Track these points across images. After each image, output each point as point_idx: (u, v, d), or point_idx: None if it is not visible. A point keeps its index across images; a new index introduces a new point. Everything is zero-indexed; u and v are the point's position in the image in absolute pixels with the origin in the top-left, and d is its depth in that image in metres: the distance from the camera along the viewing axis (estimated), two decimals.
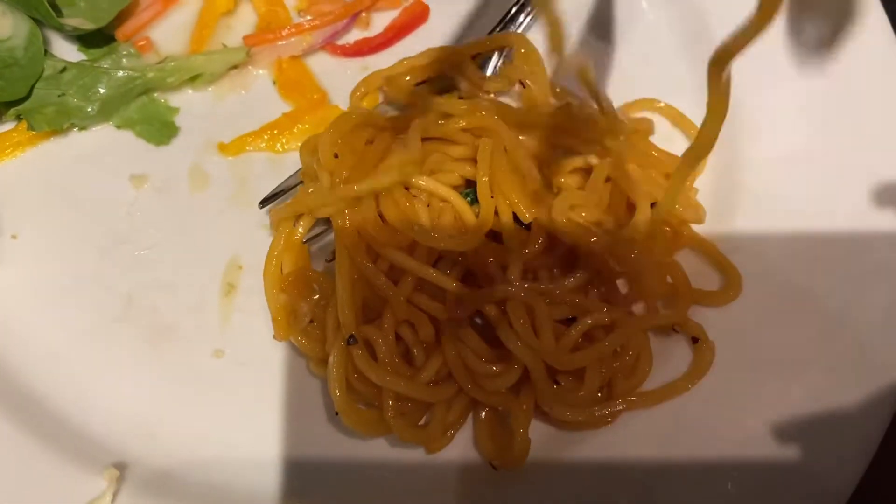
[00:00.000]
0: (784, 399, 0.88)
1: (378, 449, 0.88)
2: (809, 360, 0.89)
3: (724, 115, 0.76)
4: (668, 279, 0.93)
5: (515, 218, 0.90)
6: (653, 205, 0.91)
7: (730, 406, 0.88)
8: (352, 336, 0.83)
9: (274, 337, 0.90)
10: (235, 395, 0.90)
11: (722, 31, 0.70)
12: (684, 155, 0.84)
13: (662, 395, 0.89)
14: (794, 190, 0.97)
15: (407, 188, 0.90)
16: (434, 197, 0.91)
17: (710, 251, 0.95)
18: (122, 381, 0.90)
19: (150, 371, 0.90)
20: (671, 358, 0.92)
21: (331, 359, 0.84)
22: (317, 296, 0.89)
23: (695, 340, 0.91)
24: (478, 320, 0.91)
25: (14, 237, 0.95)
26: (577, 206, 0.90)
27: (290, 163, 1.01)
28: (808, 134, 1.00)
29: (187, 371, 0.91)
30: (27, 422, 0.85)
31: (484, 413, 0.88)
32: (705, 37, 1.03)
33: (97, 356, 0.90)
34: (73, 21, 1.01)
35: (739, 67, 1.02)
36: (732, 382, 0.89)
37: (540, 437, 0.87)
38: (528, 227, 0.91)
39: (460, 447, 0.88)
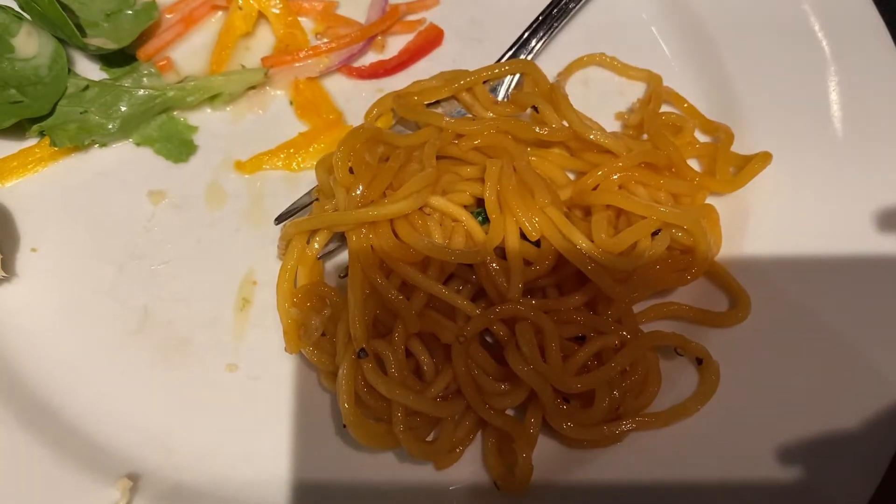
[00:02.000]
0: (791, 420, 0.88)
1: (386, 464, 0.89)
2: (817, 381, 0.90)
3: None
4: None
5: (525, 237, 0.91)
6: (657, 232, 0.93)
7: (737, 427, 0.89)
8: (362, 349, 0.84)
9: (285, 349, 0.91)
10: (247, 409, 0.91)
11: None
12: None
13: (671, 417, 0.90)
14: (801, 213, 0.98)
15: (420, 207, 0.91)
16: (446, 216, 0.92)
17: (718, 272, 0.96)
18: (136, 393, 0.91)
19: (165, 384, 0.91)
20: (678, 379, 0.93)
21: (340, 371, 0.85)
22: (329, 310, 0.90)
23: (699, 362, 0.92)
24: (487, 338, 0.92)
25: (34, 250, 0.97)
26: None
27: (305, 181, 1.03)
28: (815, 158, 1.01)
29: (201, 385, 0.92)
30: (44, 432, 0.87)
31: (493, 431, 0.89)
32: None
33: (113, 368, 0.92)
34: (96, 41, 1.04)
35: (749, 90, 1.06)
36: (740, 403, 0.90)
37: (548, 455, 0.88)
38: (538, 244, 0.92)
39: (469, 464, 0.89)
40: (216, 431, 0.90)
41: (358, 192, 0.90)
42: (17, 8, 1.03)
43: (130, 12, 1.08)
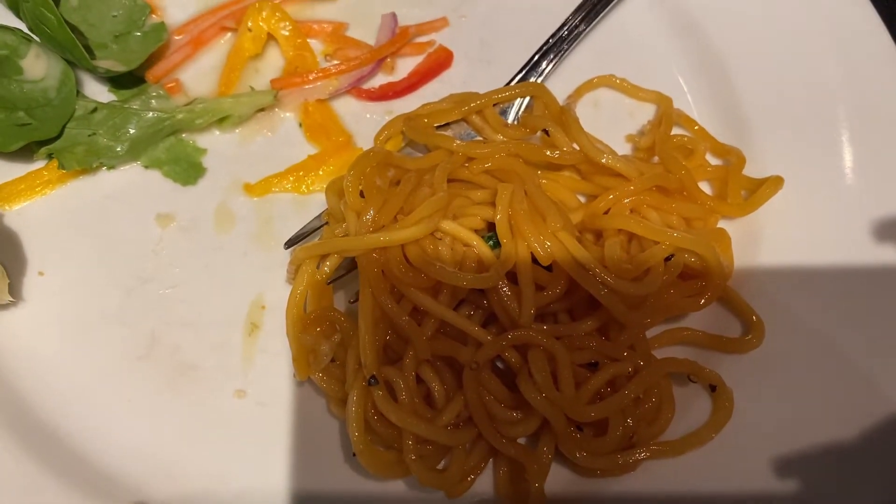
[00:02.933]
0: (808, 447, 0.88)
1: (396, 493, 0.88)
2: (832, 406, 0.90)
3: None
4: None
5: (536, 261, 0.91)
6: (670, 258, 0.92)
7: (752, 453, 0.88)
8: (373, 377, 0.83)
9: (294, 376, 0.90)
10: (255, 436, 0.90)
11: None
12: None
13: (685, 446, 0.89)
14: (813, 236, 0.98)
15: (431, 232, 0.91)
16: (457, 240, 0.91)
17: (731, 297, 0.96)
18: (143, 419, 0.90)
19: (172, 410, 0.91)
20: (691, 406, 0.92)
21: (350, 398, 0.84)
22: (338, 336, 0.89)
23: (713, 388, 0.91)
24: (499, 364, 0.91)
25: (41, 274, 0.96)
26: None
27: (314, 204, 1.02)
28: (827, 182, 1.01)
29: (209, 411, 0.91)
30: (49, 459, 0.86)
31: (505, 459, 0.88)
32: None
33: (120, 394, 0.91)
34: (105, 63, 1.04)
35: (759, 113, 1.06)
36: (754, 430, 0.89)
37: (560, 483, 0.87)
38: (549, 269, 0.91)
39: (481, 489, 0.88)
40: (224, 458, 0.89)
41: (369, 217, 0.89)
42: (25, 30, 1.03)
43: (139, 34, 1.08)
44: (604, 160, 0.95)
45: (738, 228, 0.99)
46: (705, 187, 1.03)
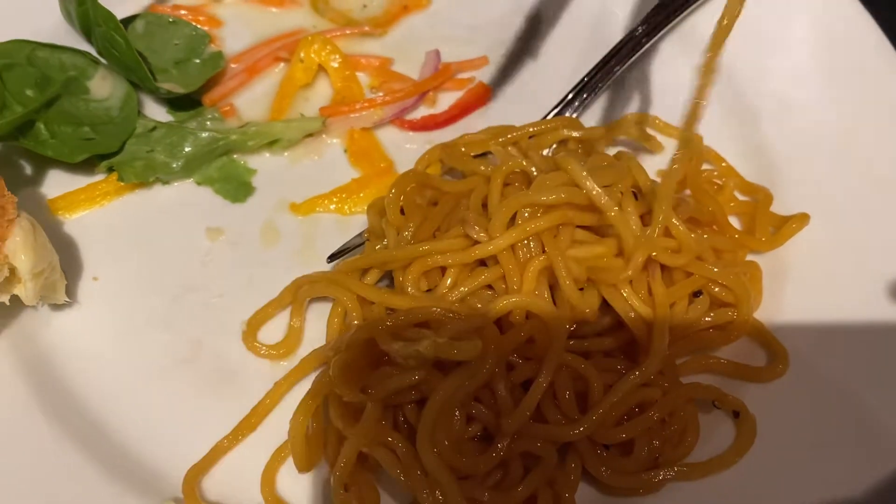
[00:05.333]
0: (828, 477, 0.88)
1: None
2: (850, 439, 0.91)
3: None
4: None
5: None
6: (698, 293, 0.95)
7: (773, 482, 0.89)
8: None
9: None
10: None
11: None
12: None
13: (709, 469, 0.90)
14: (838, 272, 1.01)
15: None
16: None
17: (757, 327, 0.98)
18: (185, 419, 0.93)
19: (213, 413, 0.93)
20: (715, 431, 0.93)
21: None
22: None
23: (736, 415, 0.93)
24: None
25: (95, 279, 1.01)
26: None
27: (355, 224, 1.07)
28: (852, 220, 1.04)
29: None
30: (95, 452, 0.89)
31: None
32: None
33: (164, 394, 0.95)
34: (166, 85, 1.10)
35: (786, 153, 1.09)
36: (776, 458, 0.90)
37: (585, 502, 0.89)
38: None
39: None
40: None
41: (408, 232, 0.94)
42: (94, 53, 1.10)
43: (198, 61, 1.15)
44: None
45: (766, 264, 1.02)
46: (733, 223, 1.06)
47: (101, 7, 1.05)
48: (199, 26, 1.17)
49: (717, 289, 0.95)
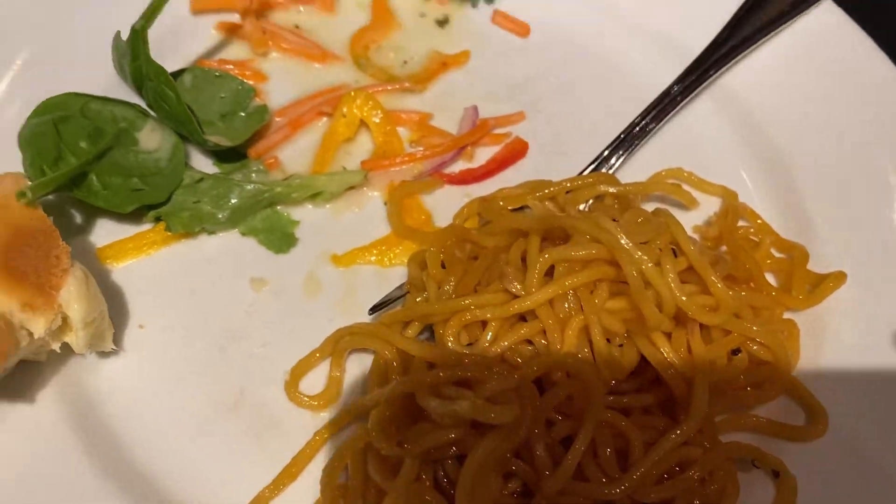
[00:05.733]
0: None
1: None
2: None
3: None
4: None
5: None
6: (737, 351, 0.96)
7: None
8: None
9: None
10: None
11: None
12: None
13: None
14: (876, 330, 1.02)
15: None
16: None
17: (795, 386, 0.98)
18: (228, 468, 0.94)
19: (256, 461, 0.95)
20: (754, 492, 0.93)
21: None
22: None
23: (776, 474, 0.93)
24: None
25: (141, 327, 1.03)
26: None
27: (395, 276, 1.09)
28: (888, 279, 1.05)
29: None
30: (138, 499, 0.91)
31: None
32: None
33: (208, 443, 0.96)
34: (213, 138, 1.13)
35: (821, 211, 1.10)
36: None
37: None
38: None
39: None
40: None
41: (449, 287, 0.95)
42: (143, 106, 1.14)
43: (244, 114, 1.18)
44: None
45: (802, 322, 1.03)
46: (769, 280, 1.07)
47: (153, 62, 1.09)
48: (244, 80, 1.20)
49: (755, 347, 0.96)
